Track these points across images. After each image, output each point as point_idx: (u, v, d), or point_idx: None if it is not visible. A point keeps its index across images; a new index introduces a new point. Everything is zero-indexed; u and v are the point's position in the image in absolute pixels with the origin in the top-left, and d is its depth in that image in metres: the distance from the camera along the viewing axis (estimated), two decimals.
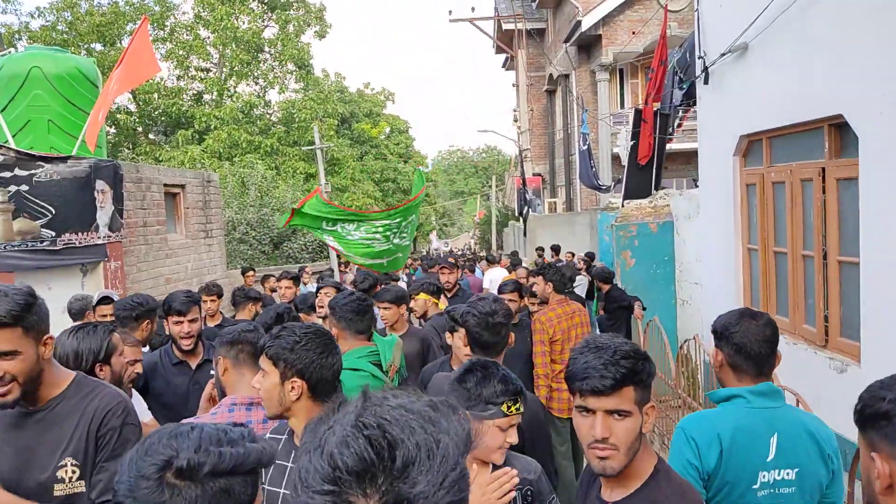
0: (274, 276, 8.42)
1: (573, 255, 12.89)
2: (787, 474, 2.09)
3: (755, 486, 2.08)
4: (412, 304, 5.03)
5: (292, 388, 2.04)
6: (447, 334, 3.24)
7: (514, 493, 2.02)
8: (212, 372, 2.65)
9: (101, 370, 2.55)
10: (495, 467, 2.05)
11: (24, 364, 1.89)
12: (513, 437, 2.06)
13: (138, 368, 2.86)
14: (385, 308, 4.40)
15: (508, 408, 2.04)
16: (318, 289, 6.01)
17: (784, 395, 2.31)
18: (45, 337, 1.95)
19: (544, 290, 5.19)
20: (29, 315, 1.88)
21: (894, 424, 1.40)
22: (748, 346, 2.20)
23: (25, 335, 1.88)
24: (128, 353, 2.83)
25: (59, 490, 1.95)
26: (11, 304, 1.83)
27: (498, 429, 2.04)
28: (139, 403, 2.99)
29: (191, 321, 3.44)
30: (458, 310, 3.17)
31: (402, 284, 7.47)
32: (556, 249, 13.39)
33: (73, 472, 1.97)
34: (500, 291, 5.04)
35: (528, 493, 2.11)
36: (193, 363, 3.45)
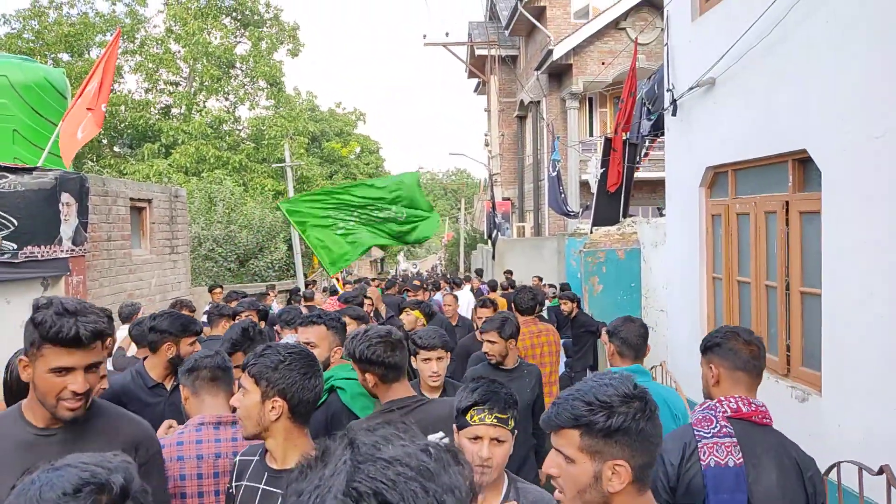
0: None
1: (540, 279, 12.98)
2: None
3: None
4: (402, 316, 5.25)
5: (272, 407, 2.00)
6: (412, 357, 3.26)
7: None
8: None
9: None
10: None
11: (96, 377, 1.93)
12: (484, 452, 1.93)
13: (104, 384, 2.79)
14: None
15: (471, 417, 1.97)
16: (235, 313, 5.82)
17: (650, 374, 3.61)
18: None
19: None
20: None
21: (722, 348, 2.44)
22: (629, 339, 3.25)
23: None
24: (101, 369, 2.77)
25: None
26: (102, 317, 1.90)
27: (468, 441, 1.96)
28: None
29: (191, 343, 3.42)
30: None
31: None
32: (510, 274, 13.45)
33: None
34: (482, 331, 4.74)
35: None
36: (169, 385, 3.38)
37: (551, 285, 11.96)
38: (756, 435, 2.31)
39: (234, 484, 2.20)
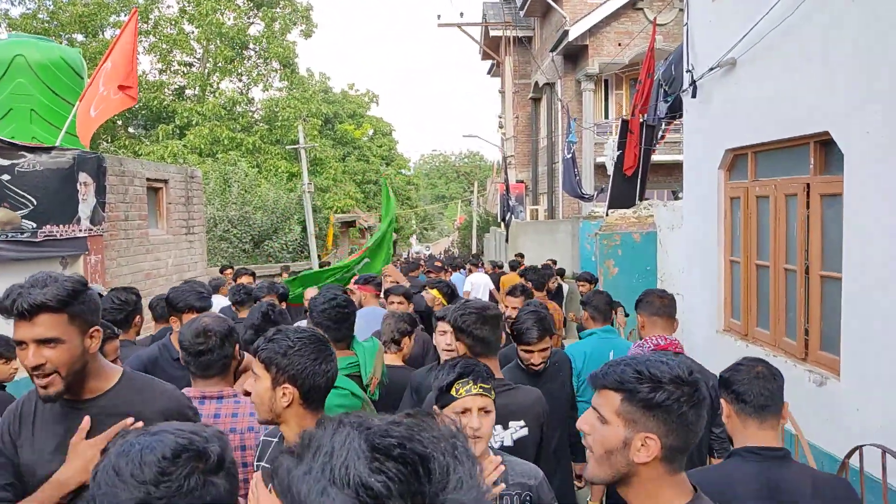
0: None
1: (554, 262, 12.94)
2: None
3: None
4: (424, 293, 5.21)
5: (283, 394, 1.98)
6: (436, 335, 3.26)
7: (502, 486, 2.01)
8: None
9: None
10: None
11: (67, 354, 1.82)
12: (474, 422, 1.99)
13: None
14: (399, 303, 4.60)
15: (457, 391, 2.02)
16: (256, 297, 5.91)
17: (617, 332, 4.49)
18: (91, 329, 1.89)
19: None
20: (76, 303, 1.83)
21: (644, 302, 3.46)
22: (599, 306, 4.36)
23: (71, 323, 1.82)
24: (109, 353, 2.80)
25: None
26: (59, 290, 1.79)
27: (455, 415, 1.99)
28: None
29: None
30: (448, 310, 3.18)
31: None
32: (521, 258, 13.44)
33: None
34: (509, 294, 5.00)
35: (528, 498, 2.07)
36: None
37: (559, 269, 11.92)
38: (674, 358, 3.04)
39: (255, 463, 2.22)
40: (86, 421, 1.85)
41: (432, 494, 0.75)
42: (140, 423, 1.82)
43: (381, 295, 5.16)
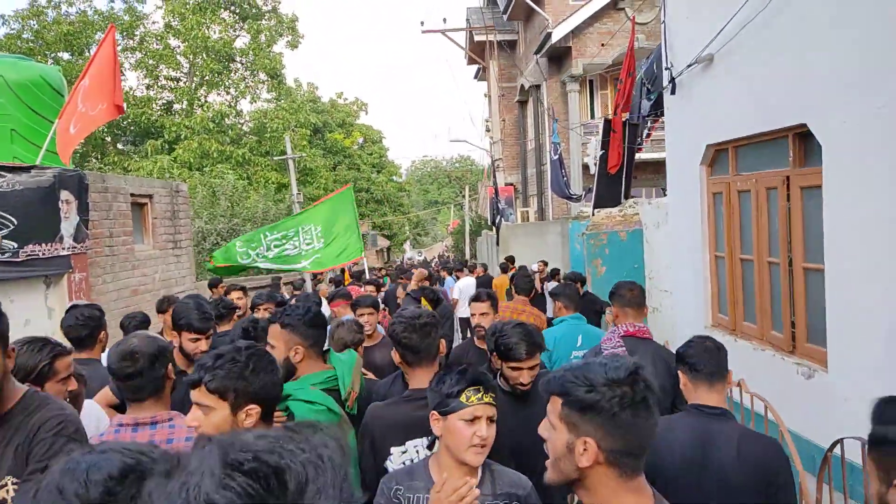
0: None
1: (545, 263, 12.93)
2: (585, 352, 4.17)
3: (571, 358, 4.23)
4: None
5: (247, 415, 1.96)
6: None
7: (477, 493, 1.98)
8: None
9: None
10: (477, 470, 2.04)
11: None
12: (483, 431, 2.00)
13: (72, 386, 2.73)
14: (370, 314, 4.49)
15: (468, 398, 2.02)
16: (254, 305, 5.95)
17: (584, 319, 4.71)
18: (7, 348, 1.87)
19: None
20: None
21: (616, 295, 3.80)
22: (571, 296, 4.69)
23: None
24: (62, 370, 2.72)
25: None
26: None
27: (463, 423, 1.99)
28: (99, 414, 2.90)
29: (207, 339, 3.46)
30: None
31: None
32: (511, 260, 13.43)
33: (11, 492, 1.87)
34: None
35: None
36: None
37: (552, 269, 11.91)
38: (639, 345, 3.60)
39: None
40: None
41: None
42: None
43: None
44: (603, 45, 17.11)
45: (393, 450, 2.49)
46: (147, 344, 2.46)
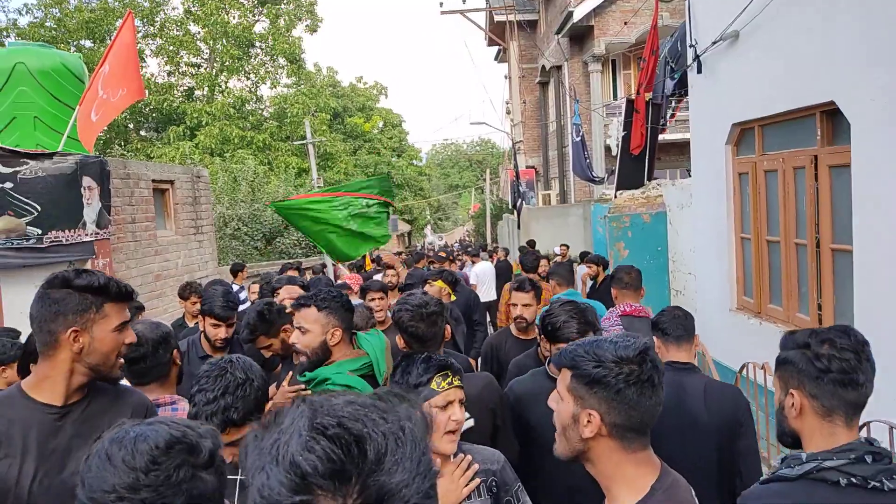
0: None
1: (567, 247, 12.84)
2: None
3: None
4: (426, 287, 5.05)
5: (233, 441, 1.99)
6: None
7: (478, 481, 2.02)
8: None
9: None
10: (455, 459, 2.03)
11: None
12: (457, 414, 2.01)
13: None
14: (380, 299, 4.47)
15: (439, 384, 2.02)
16: (275, 288, 5.91)
17: (580, 294, 5.17)
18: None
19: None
20: None
21: (615, 279, 4.25)
22: (563, 274, 5.07)
23: None
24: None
25: None
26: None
27: (437, 409, 1.99)
28: None
29: (228, 326, 3.57)
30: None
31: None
32: (531, 244, 13.35)
33: None
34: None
35: (493, 484, 2.07)
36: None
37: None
38: (635, 322, 3.87)
39: None
40: None
41: (365, 475, 0.75)
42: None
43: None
44: (626, 23, 16.83)
45: None
46: (151, 329, 2.52)
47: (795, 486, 1.65)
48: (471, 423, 2.46)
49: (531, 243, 13.34)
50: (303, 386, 2.65)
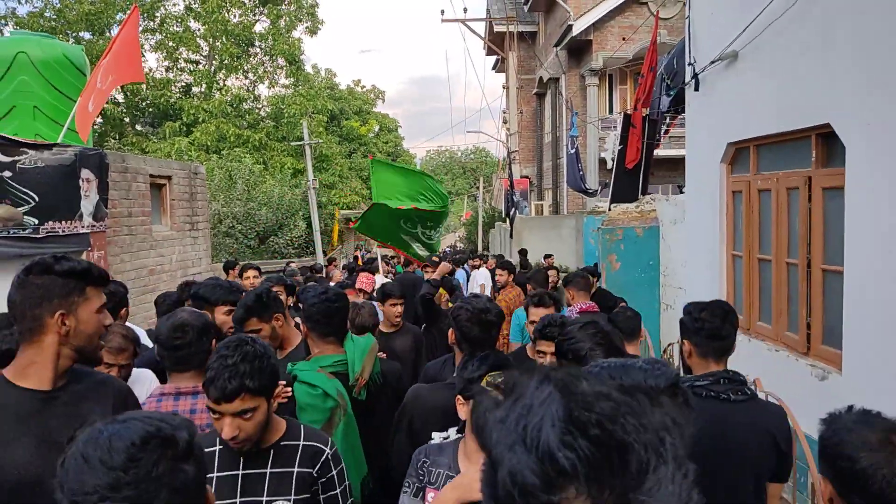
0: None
1: (551, 257, 12.84)
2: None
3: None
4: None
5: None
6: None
7: None
8: None
9: None
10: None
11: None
12: None
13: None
14: (401, 304, 4.51)
15: (488, 383, 2.08)
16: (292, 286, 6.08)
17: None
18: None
19: (507, 279, 7.11)
20: None
21: (570, 282, 5.20)
22: (539, 281, 5.98)
23: None
24: None
25: None
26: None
27: None
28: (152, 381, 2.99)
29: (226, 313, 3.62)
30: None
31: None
32: (523, 253, 13.42)
33: None
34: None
35: None
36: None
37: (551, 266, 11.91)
38: (592, 316, 4.35)
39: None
40: None
41: (622, 488, 0.66)
42: None
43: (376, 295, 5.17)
44: (624, 39, 16.98)
45: (434, 434, 2.49)
46: (196, 318, 2.61)
47: None
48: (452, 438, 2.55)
49: (523, 252, 13.40)
50: (288, 389, 2.71)
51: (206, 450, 1.78)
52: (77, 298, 1.91)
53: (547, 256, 12.97)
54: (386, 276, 9.68)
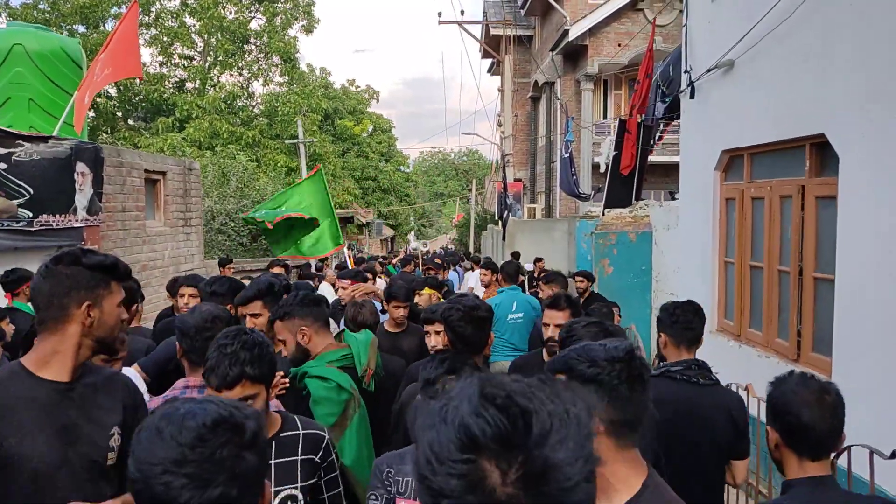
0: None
1: (541, 260, 12.84)
2: (519, 316, 5.63)
3: (508, 320, 5.59)
4: (417, 298, 5.16)
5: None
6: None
7: None
8: None
9: None
10: None
11: None
12: None
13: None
14: (405, 307, 4.51)
15: (444, 387, 2.03)
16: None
17: (519, 289, 6.11)
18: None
19: (490, 278, 7.33)
20: None
21: (551, 280, 5.95)
22: (509, 272, 6.14)
23: None
24: None
25: (110, 459, 1.95)
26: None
27: None
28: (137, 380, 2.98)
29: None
30: (439, 306, 3.16)
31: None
32: (516, 256, 13.45)
33: (118, 441, 1.98)
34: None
35: None
36: None
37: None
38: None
39: None
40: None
41: (528, 448, 0.78)
42: None
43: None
44: (620, 45, 17.07)
45: None
46: (222, 311, 2.63)
47: (655, 380, 2.54)
48: None
49: (516, 255, 13.42)
50: (286, 379, 2.75)
51: None
52: (103, 291, 1.94)
53: (538, 260, 12.99)
54: (380, 277, 9.68)
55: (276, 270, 7.13)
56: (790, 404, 2.00)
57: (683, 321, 2.99)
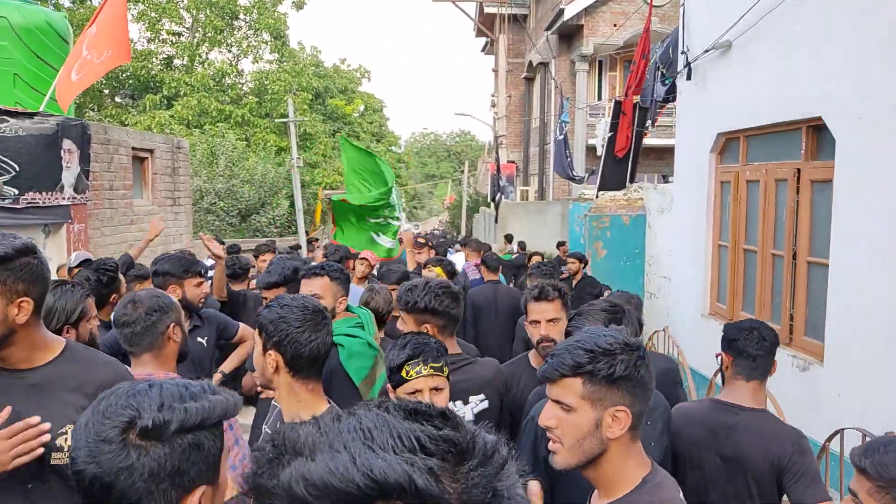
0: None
1: (522, 247, 12.82)
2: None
3: None
4: (424, 272, 5.13)
5: (269, 361, 1.96)
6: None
7: None
8: None
9: (67, 332, 2.45)
10: None
11: None
12: (435, 402, 1.96)
13: (93, 325, 2.72)
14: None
15: (408, 372, 2.03)
16: (255, 256, 6.52)
17: (504, 279, 6.56)
18: (19, 299, 1.74)
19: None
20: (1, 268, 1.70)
21: (530, 272, 5.37)
22: (490, 262, 5.89)
23: None
24: (91, 310, 2.73)
25: (55, 459, 1.79)
26: None
27: (407, 396, 1.97)
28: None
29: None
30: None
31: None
32: (509, 239, 13.44)
33: (70, 441, 1.80)
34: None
35: None
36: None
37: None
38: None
39: (263, 427, 2.29)
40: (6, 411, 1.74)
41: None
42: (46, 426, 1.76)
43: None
44: (615, 25, 16.94)
45: None
46: (150, 296, 2.41)
47: None
48: (485, 404, 2.56)
49: (509, 238, 13.40)
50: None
51: None
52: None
53: (519, 244, 12.97)
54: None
55: (266, 257, 6.94)
56: (730, 331, 2.52)
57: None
